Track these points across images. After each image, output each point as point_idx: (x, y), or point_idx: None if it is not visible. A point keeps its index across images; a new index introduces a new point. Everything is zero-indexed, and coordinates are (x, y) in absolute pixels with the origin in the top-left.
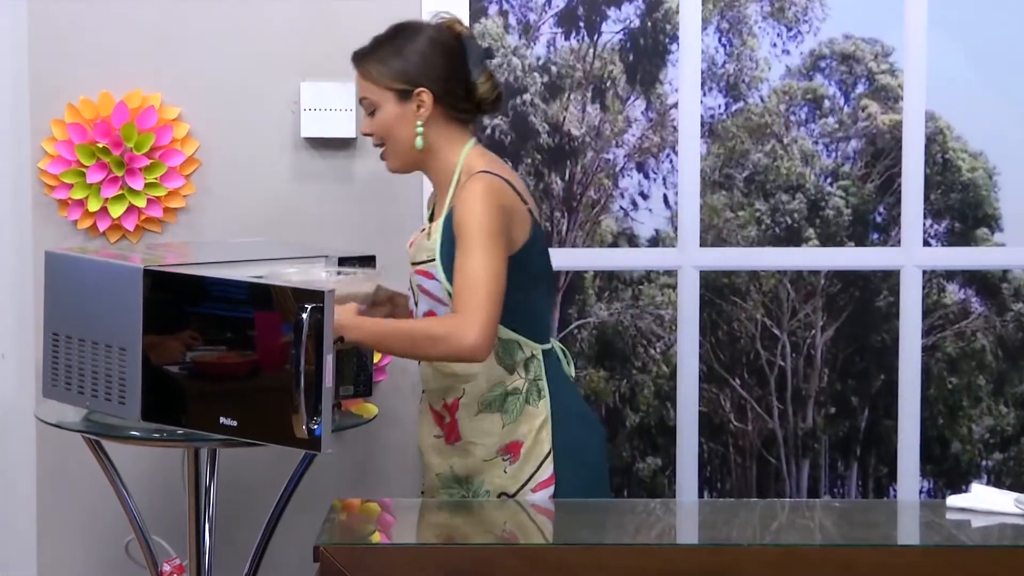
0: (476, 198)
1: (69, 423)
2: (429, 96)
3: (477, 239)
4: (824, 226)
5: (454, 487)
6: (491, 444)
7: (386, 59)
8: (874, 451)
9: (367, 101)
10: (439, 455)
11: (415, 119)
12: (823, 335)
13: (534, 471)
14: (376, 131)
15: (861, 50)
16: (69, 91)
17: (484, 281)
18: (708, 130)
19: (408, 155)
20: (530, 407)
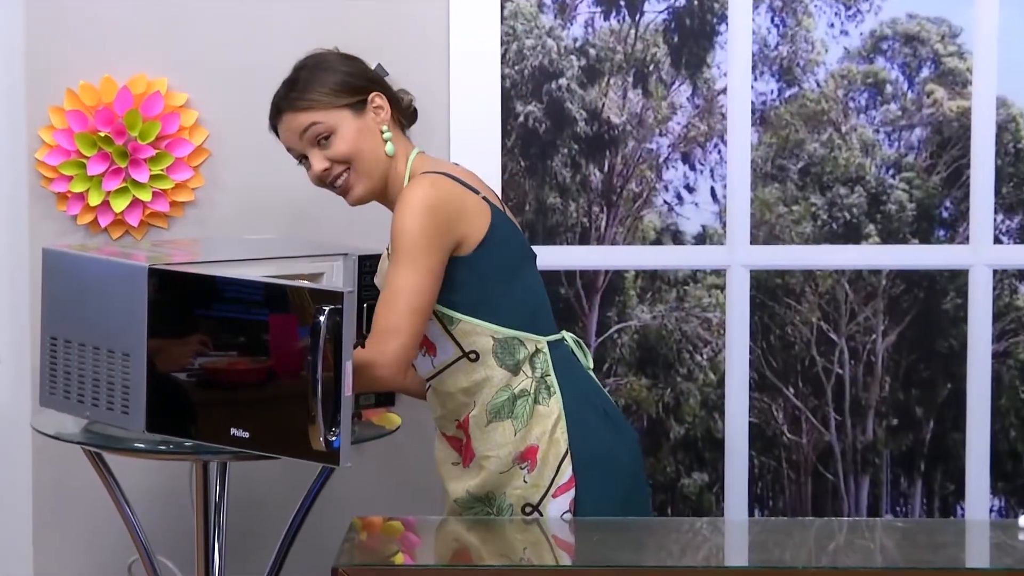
0: (406, 206)
1: (68, 434)
2: (383, 99)
3: (402, 253)
4: (886, 222)
5: (476, 507)
6: (505, 455)
7: (322, 81)
8: (940, 466)
9: (319, 127)
10: (455, 480)
11: (377, 126)
12: (884, 340)
13: (554, 475)
14: (341, 154)
15: (926, 30)
16: (68, 75)
17: (396, 300)
18: (759, 118)
19: (376, 170)
20: (540, 407)
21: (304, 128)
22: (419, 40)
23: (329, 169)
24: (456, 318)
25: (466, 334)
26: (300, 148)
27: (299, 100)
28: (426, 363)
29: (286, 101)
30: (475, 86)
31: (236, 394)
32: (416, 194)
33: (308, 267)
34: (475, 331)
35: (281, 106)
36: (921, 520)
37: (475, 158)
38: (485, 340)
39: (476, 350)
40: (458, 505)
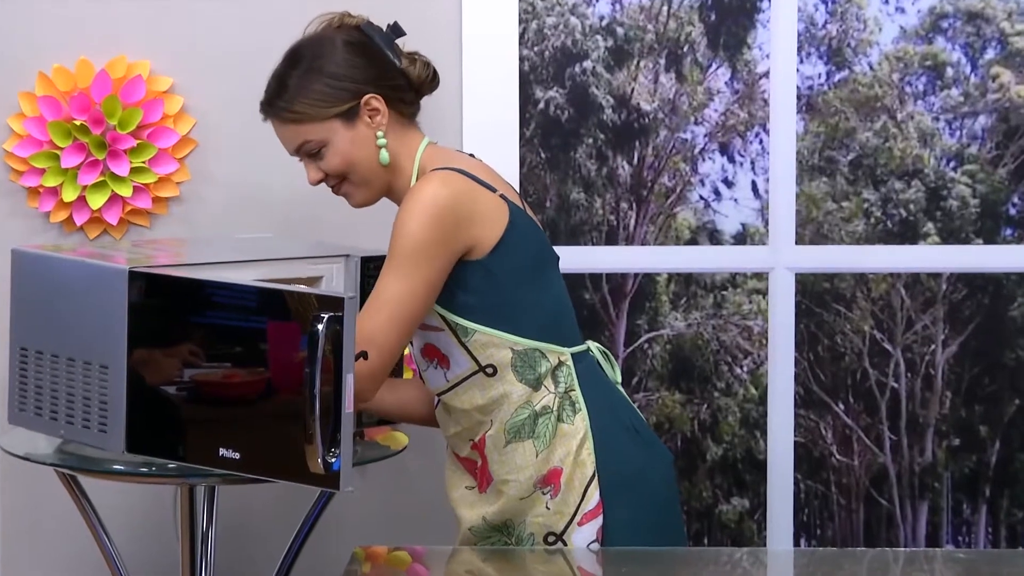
0: (411, 207)
1: (40, 455)
2: (379, 100)
3: (397, 257)
4: (946, 220)
5: (492, 536)
6: (526, 479)
7: (310, 88)
8: (1007, 491)
9: (310, 144)
10: (469, 507)
11: (372, 132)
12: (945, 351)
13: (579, 501)
14: (335, 168)
15: (991, 7)
16: (40, 57)
17: (380, 310)
18: (806, 104)
19: (376, 178)
20: (564, 425)
21: (293, 145)
22: (428, 20)
23: (324, 180)
24: (471, 329)
25: (483, 346)
26: (291, 154)
27: (285, 112)
28: (438, 376)
29: (271, 108)
30: (490, 70)
31: (227, 411)
32: (423, 194)
33: (306, 270)
34: (492, 343)
35: (267, 112)
36: (986, 551)
37: (490, 150)
38: (503, 353)
39: (494, 364)
40: (472, 534)
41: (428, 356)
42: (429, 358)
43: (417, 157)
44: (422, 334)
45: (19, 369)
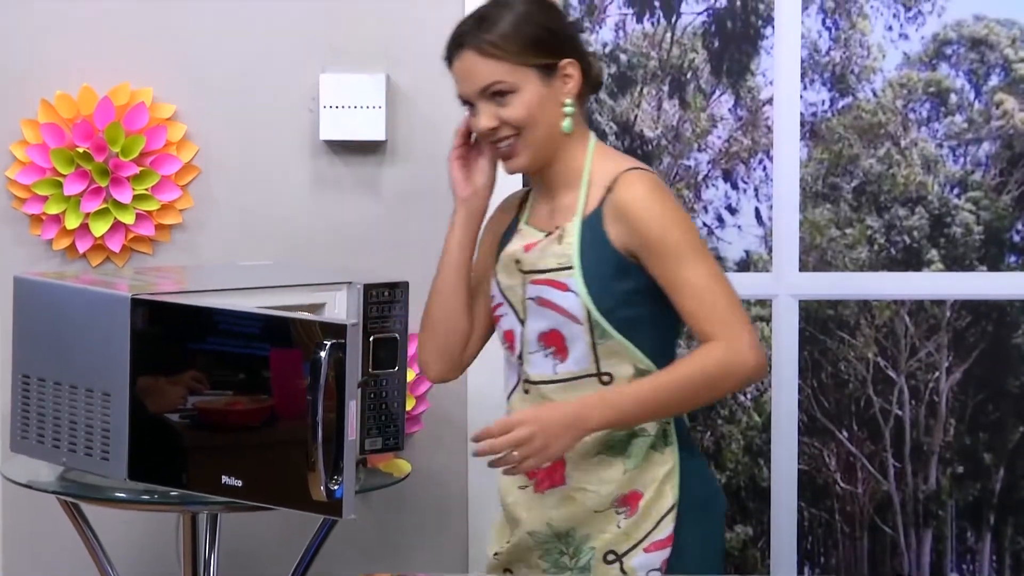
0: (657, 201)
1: (42, 483)
2: (576, 68)
3: (688, 247)
4: (950, 246)
5: (550, 543)
6: (607, 493)
7: (518, 31)
8: (1011, 519)
9: (501, 85)
10: (529, 509)
11: (561, 97)
12: (949, 378)
13: (651, 528)
14: (516, 119)
15: (995, 34)
16: (43, 85)
17: (723, 290)
18: (809, 131)
19: (547, 145)
20: (656, 454)
21: (484, 81)
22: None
23: (497, 128)
24: (611, 333)
25: (611, 354)
26: (470, 94)
27: (487, 44)
28: (546, 365)
29: (472, 38)
30: None
31: (229, 438)
32: (662, 188)
33: (308, 297)
34: (621, 354)
35: (465, 41)
36: None
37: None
38: (625, 367)
39: (612, 373)
40: (532, 539)
41: (546, 342)
42: (546, 344)
43: (590, 149)
44: (553, 316)
45: (21, 397)
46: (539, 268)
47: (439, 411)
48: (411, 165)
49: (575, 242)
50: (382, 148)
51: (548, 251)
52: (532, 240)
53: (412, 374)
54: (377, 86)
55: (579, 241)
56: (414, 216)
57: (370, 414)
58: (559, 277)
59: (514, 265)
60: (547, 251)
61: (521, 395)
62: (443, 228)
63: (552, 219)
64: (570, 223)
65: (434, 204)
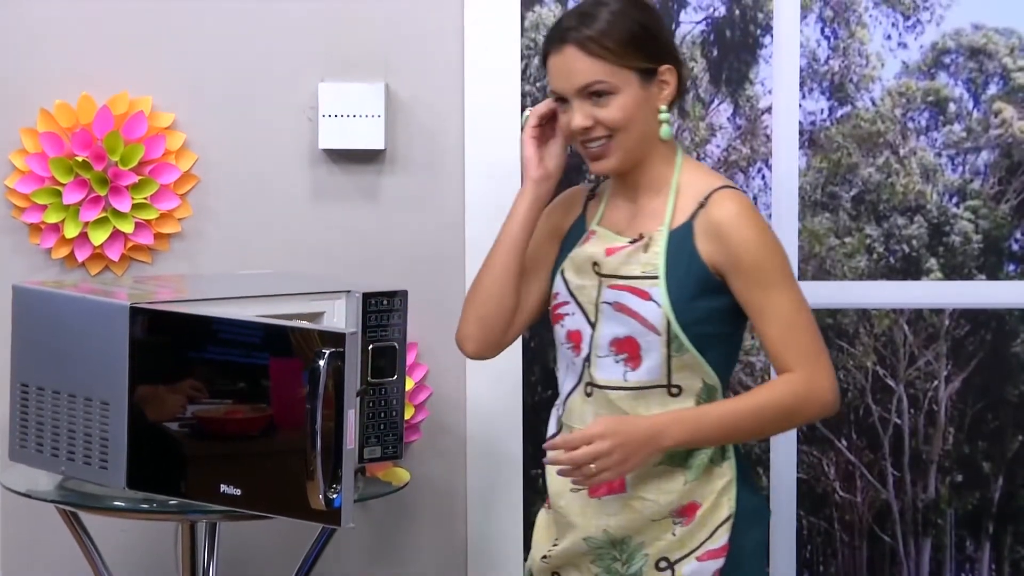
0: (754, 223)
1: (41, 491)
2: (673, 75)
3: (780, 275)
4: (949, 255)
5: (604, 549)
6: (666, 502)
7: (623, 32)
8: (1010, 528)
9: (602, 85)
10: (584, 515)
11: (657, 103)
12: (948, 387)
13: (706, 538)
14: (612, 121)
15: (994, 43)
16: (42, 94)
17: (807, 323)
18: (808, 139)
19: (638, 149)
20: (715, 467)
21: (584, 80)
22: (430, 56)
23: (591, 129)
24: (687, 347)
25: (684, 367)
26: (566, 90)
27: (592, 42)
28: (615, 371)
29: (576, 34)
30: (492, 105)
31: (228, 447)
32: (755, 210)
33: (307, 306)
34: (694, 367)
35: (568, 37)
36: None
37: (492, 184)
38: (695, 381)
39: (681, 386)
40: (587, 544)
41: (618, 348)
42: (618, 351)
43: (679, 156)
44: (630, 324)
45: (20, 405)
46: (621, 274)
47: (438, 420)
48: (410, 174)
49: (662, 252)
50: (381, 157)
51: (633, 258)
52: (614, 245)
53: (411, 383)
54: (376, 95)
55: (666, 252)
56: (413, 225)
57: (369, 423)
58: (642, 285)
59: (591, 267)
60: (632, 258)
61: (582, 397)
62: (441, 238)
63: (632, 225)
64: (657, 232)
65: (433, 213)
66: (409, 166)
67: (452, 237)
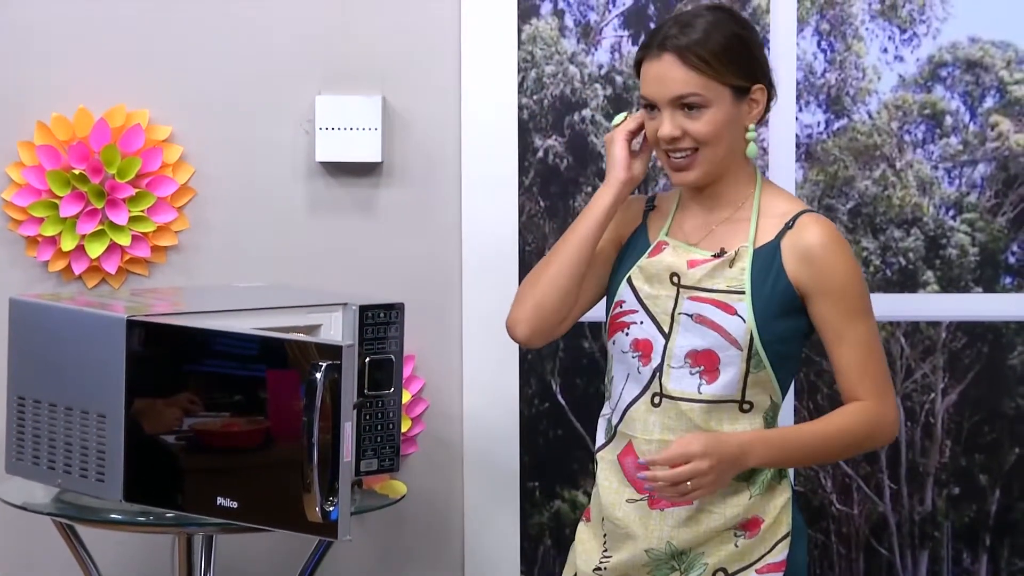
0: (842, 249)
1: (37, 504)
2: (764, 95)
3: (863, 304)
4: (945, 268)
5: (663, 560)
6: (732, 516)
7: (726, 47)
8: (1007, 540)
9: (696, 98)
10: (646, 527)
11: (746, 121)
12: (945, 400)
13: (766, 552)
14: (702, 135)
15: (990, 56)
16: (39, 107)
17: (880, 355)
18: (805, 152)
19: (723, 165)
20: (775, 483)
21: (680, 90)
22: (427, 67)
23: (678, 139)
24: (764, 364)
25: (758, 384)
26: (658, 98)
27: (692, 52)
28: (690, 383)
29: (676, 42)
30: (489, 117)
31: (225, 459)
32: (841, 237)
33: (304, 318)
34: (766, 386)
35: (667, 45)
36: None
37: (489, 197)
38: (764, 398)
39: (753, 402)
40: (648, 556)
41: (694, 360)
42: (694, 363)
43: (759, 179)
44: (712, 337)
45: (17, 418)
46: (705, 287)
47: (434, 432)
48: (407, 187)
49: (748, 268)
50: (378, 170)
51: (718, 272)
52: (696, 257)
53: (408, 395)
54: (373, 108)
55: (751, 268)
56: (410, 237)
57: (366, 435)
58: (728, 300)
59: (668, 278)
60: (717, 272)
61: (648, 406)
62: (438, 250)
63: (709, 239)
64: (742, 248)
65: (430, 225)
66: (406, 179)
67: (449, 250)
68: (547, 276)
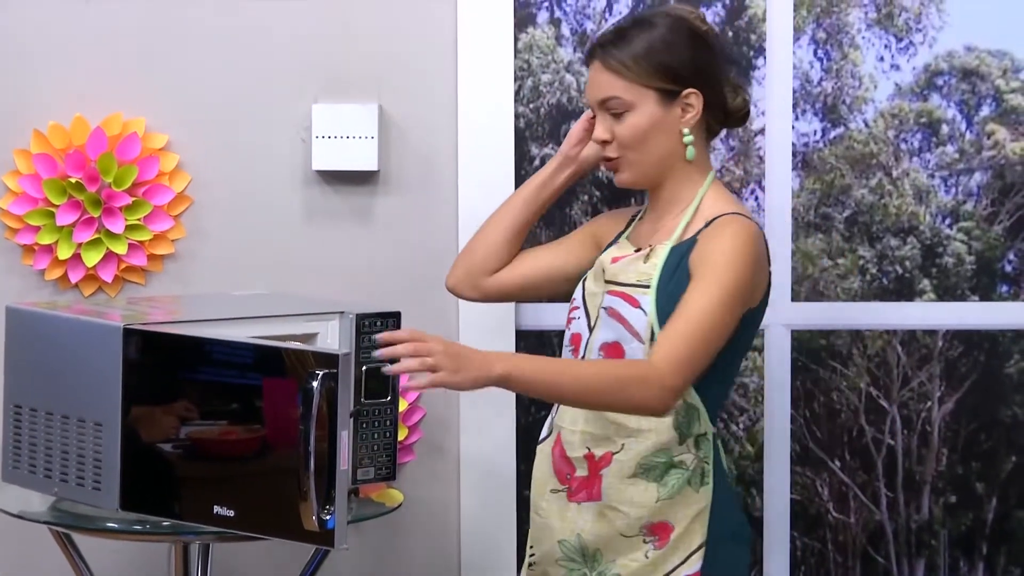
0: (737, 243)
1: (33, 513)
2: (699, 99)
3: (720, 282)
4: (942, 276)
5: (576, 561)
6: (637, 517)
7: (647, 50)
8: (1004, 549)
9: (617, 102)
10: (563, 519)
11: (677, 126)
12: (941, 408)
13: (679, 563)
14: (625, 138)
15: (986, 65)
16: (35, 115)
17: (703, 333)
18: (801, 161)
19: (655, 168)
20: (691, 490)
21: (602, 93)
22: (424, 76)
23: (608, 142)
24: None
25: None
26: (591, 103)
27: (612, 56)
28: None
29: (602, 50)
30: (486, 126)
31: (222, 468)
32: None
33: (301, 327)
34: None
35: (595, 52)
36: None
37: (485, 205)
38: None
39: None
40: (560, 548)
41: (606, 353)
42: (606, 355)
43: (706, 183)
44: (619, 330)
45: (13, 426)
46: (619, 280)
47: (431, 441)
48: (404, 195)
49: (660, 264)
50: (375, 178)
51: (632, 267)
52: (622, 254)
53: (404, 404)
54: (370, 116)
55: (663, 264)
56: (407, 246)
57: (362, 444)
58: (634, 293)
59: (601, 274)
60: (631, 266)
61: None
62: (435, 258)
63: (649, 239)
64: (661, 246)
65: (427, 234)
66: (403, 187)
67: (446, 258)
68: (479, 231)
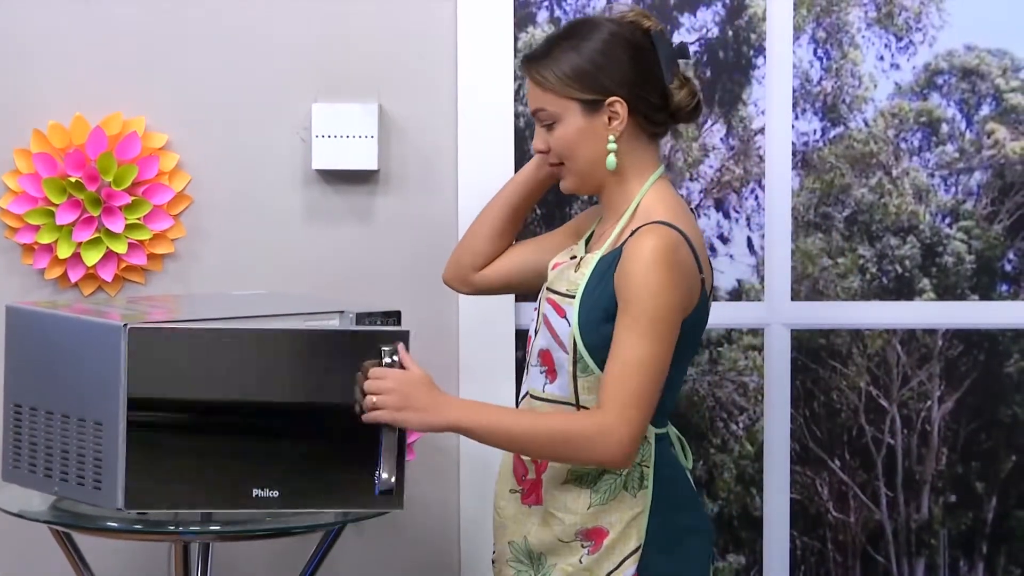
0: (652, 264)
1: (34, 512)
2: (623, 107)
3: (646, 320)
4: (942, 276)
5: (523, 563)
6: (571, 523)
7: (568, 63)
8: (1004, 548)
9: (544, 113)
10: (515, 519)
11: (605, 134)
12: (941, 407)
13: (612, 569)
14: (555, 148)
15: (986, 64)
16: (35, 114)
17: (645, 378)
18: (801, 160)
19: (591, 175)
20: (626, 495)
21: (532, 105)
22: (423, 76)
23: (545, 153)
24: (592, 369)
25: (591, 389)
26: (532, 114)
27: (535, 69)
28: (539, 381)
29: (528, 63)
30: (486, 125)
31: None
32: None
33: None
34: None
35: (524, 64)
36: None
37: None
38: None
39: (588, 407)
40: (510, 549)
41: (542, 360)
42: (542, 362)
43: (647, 183)
44: (549, 338)
45: (13, 425)
46: (554, 288)
47: (431, 440)
48: (404, 194)
49: (587, 274)
50: (374, 177)
51: (564, 275)
52: (561, 260)
53: None
54: (369, 115)
55: (590, 274)
56: (407, 245)
57: None
58: (562, 302)
59: (546, 279)
60: (564, 274)
61: (525, 401)
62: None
63: (597, 243)
64: (592, 254)
65: (427, 233)
66: (402, 186)
67: (445, 257)
68: (468, 228)
